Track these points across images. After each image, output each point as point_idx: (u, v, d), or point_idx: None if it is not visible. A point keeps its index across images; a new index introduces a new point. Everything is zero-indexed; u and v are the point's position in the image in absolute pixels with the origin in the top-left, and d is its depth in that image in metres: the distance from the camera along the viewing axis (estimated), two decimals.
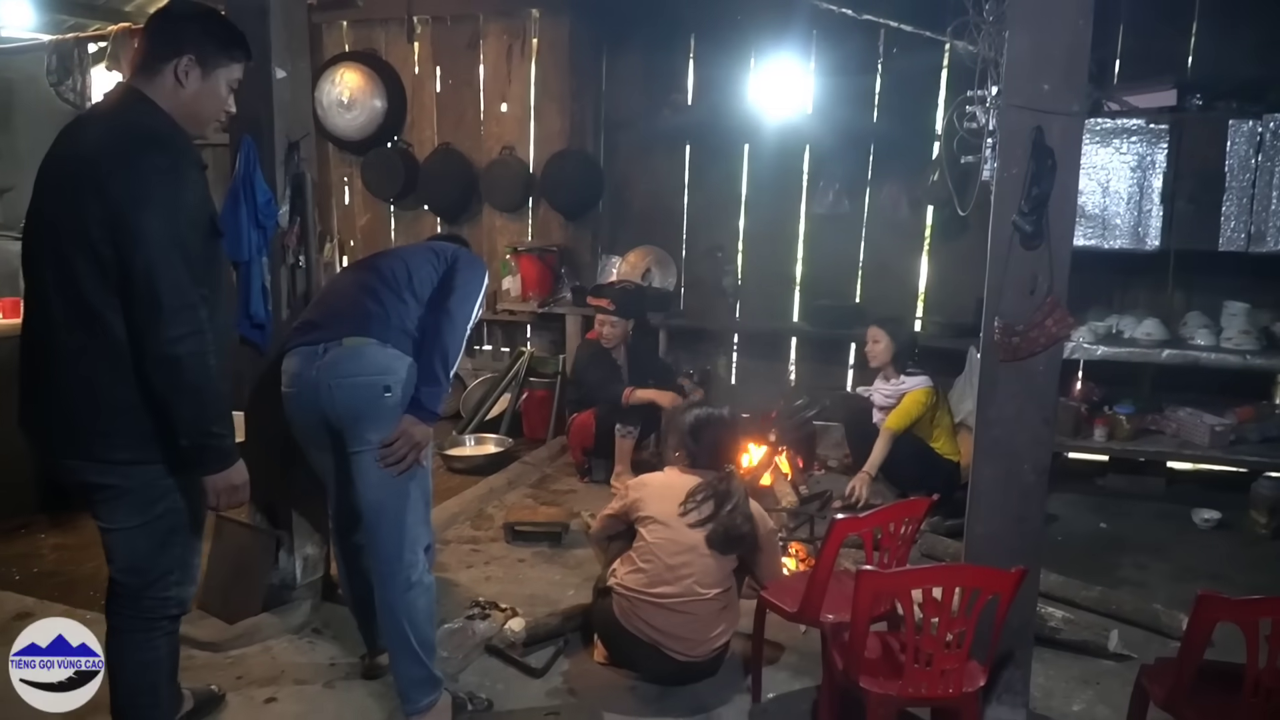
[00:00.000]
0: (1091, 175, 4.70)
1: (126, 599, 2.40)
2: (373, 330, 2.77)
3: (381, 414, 2.73)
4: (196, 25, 2.33)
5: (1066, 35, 2.66)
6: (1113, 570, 4.28)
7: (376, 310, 2.82)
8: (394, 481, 2.76)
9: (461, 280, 2.92)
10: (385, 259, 3.06)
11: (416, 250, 3.10)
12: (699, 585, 3.10)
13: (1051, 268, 2.77)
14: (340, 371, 2.73)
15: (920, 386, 4.68)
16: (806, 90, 5.94)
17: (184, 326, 2.13)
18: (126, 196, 2.09)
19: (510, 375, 6.28)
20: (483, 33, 6.57)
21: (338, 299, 2.97)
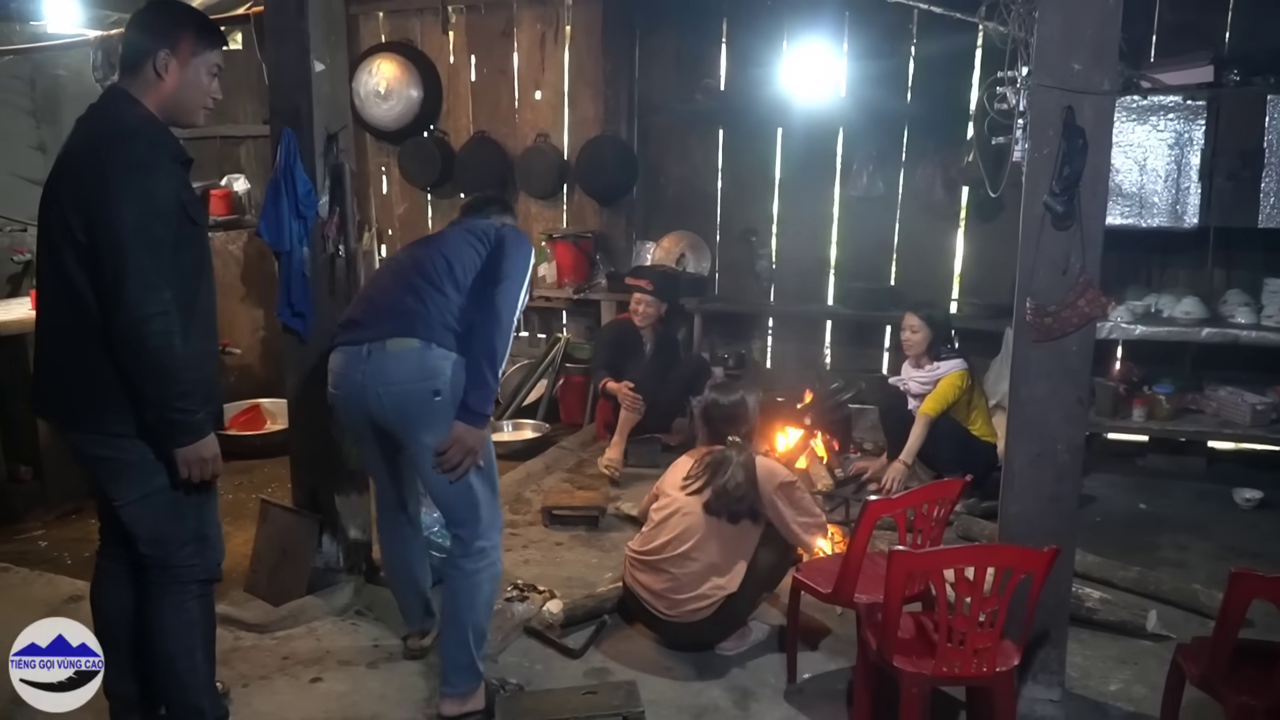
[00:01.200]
0: (1128, 153, 4.66)
1: (155, 569, 2.53)
2: (417, 330, 2.75)
3: (433, 417, 2.74)
4: (168, 19, 2.46)
5: (1097, 14, 2.65)
6: (1152, 550, 4.26)
7: (418, 308, 2.78)
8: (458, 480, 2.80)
9: (507, 268, 2.84)
10: (425, 249, 3.01)
11: (456, 236, 3.01)
12: (682, 546, 3.24)
13: (1084, 247, 2.76)
14: (387, 378, 2.75)
15: (955, 370, 4.66)
16: (839, 73, 5.91)
17: (147, 308, 2.25)
18: (96, 187, 2.25)
19: (546, 361, 6.34)
20: (517, 20, 6.60)
21: (379, 295, 2.95)
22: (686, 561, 3.24)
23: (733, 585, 3.23)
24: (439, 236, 3.14)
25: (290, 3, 3.44)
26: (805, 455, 5.18)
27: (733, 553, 3.27)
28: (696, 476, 3.33)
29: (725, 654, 3.36)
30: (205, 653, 2.66)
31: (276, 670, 3.26)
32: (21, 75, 6.63)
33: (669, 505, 3.35)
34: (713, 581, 3.23)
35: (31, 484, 4.75)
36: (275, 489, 4.71)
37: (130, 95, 2.40)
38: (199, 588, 2.59)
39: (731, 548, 3.26)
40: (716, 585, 3.23)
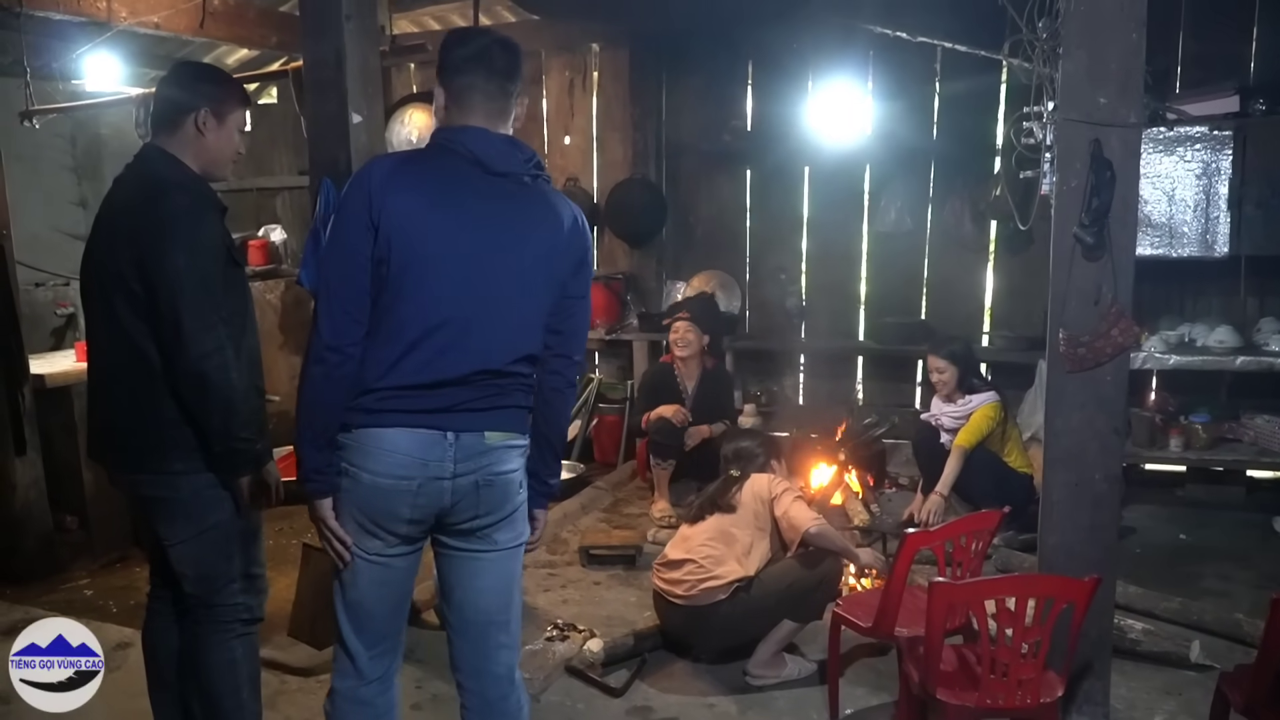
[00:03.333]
0: (1156, 184, 4.68)
1: (200, 609, 2.59)
2: (518, 425, 2.24)
3: (517, 511, 2.28)
4: (205, 79, 2.61)
5: (1121, 47, 2.70)
6: (1195, 581, 4.22)
7: (521, 398, 2.24)
8: (507, 585, 2.32)
9: (585, 306, 2.34)
10: (515, 288, 2.17)
11: (536, 253, 2.19)
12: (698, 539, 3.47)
13: (1115, 278, 2.78)
14: (490, 469, 2.17)
15: (988, 402, 4.66)
16: (865, 111, 5.99)
17: (206, 346, 2.36)
18: (150, 238, 2.36)
19: (580, 402, 6.40)
20: (545, 68, 6.75)
21: (468, 356, 2.13)
22: (704, 547, 3.41)
23: (749, 570, 3.36)
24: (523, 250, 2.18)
25: (329, 58, 3.56)
26: (840, 491, 5.19)
27: (748, 545, 3.43)
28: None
29: (756, 682, 3.39)
30: (251, 692, 2.70)
31: (320, 714, 3.27)
32: (63, 133, 6.83)
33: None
34: (728, 565, 3.36)
35: (77, 533, 4.84)
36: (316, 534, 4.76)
37: (167, 152, 2.52)
38: (242, 627, 2.64)
39: (745, 539, 3.44)
40: (731, 569, 3.35)
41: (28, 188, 5.65)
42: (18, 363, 4.44)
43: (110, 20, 5.09)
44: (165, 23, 5.32)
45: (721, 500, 3.52)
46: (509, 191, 2.16)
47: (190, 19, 5.25)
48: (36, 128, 5.61)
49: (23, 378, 4.44)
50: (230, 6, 5.75)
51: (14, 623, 3.99)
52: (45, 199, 6.01)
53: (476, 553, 2.25)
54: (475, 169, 2.13)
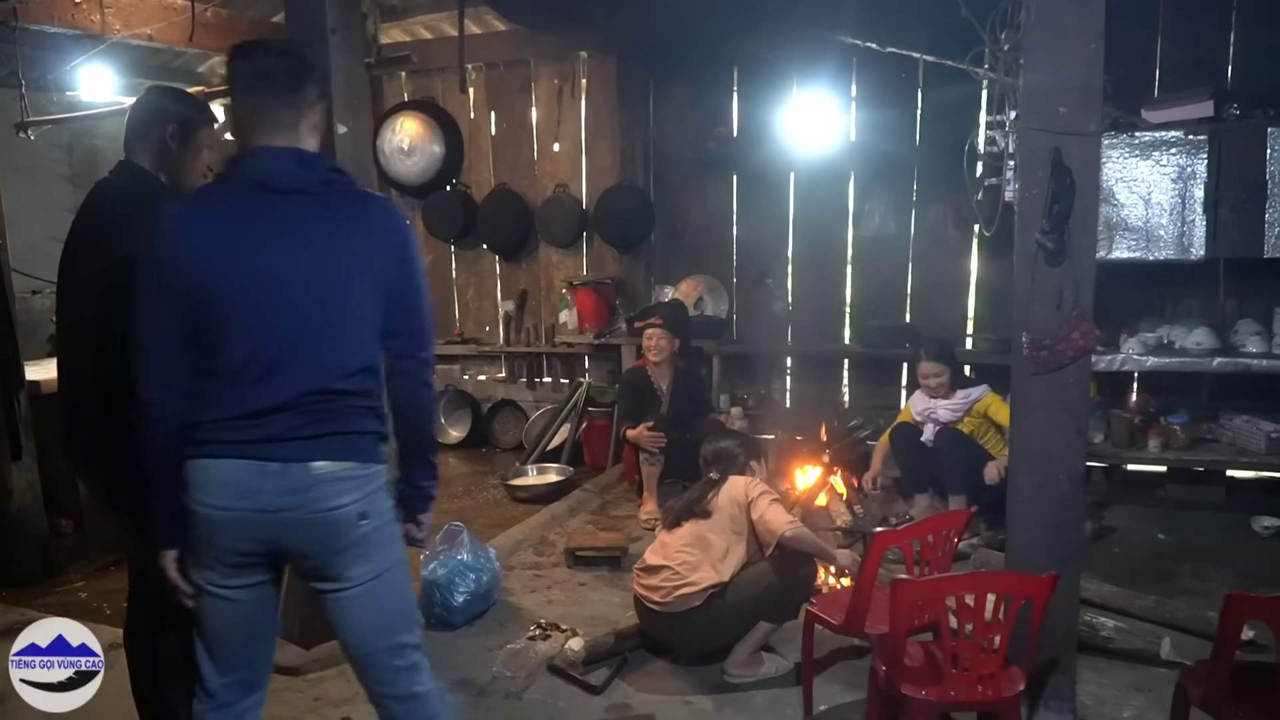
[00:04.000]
0: (1133, 188, 4.75)
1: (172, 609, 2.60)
2: (356, 453, 2.13)
3: (363, 546, 2.14)
4: (172, 99, 2.73)
5: (1080, 58, 2.77)
6: (1171, 580, 4.28)
7: (361, 421, 2.15)
8: (385, 614, 2.23)
9: (420, 302, 2.25)
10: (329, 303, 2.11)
11: (345, 261, 2.13)
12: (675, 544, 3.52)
13: (1076, 282, 2.85)
14: (317, 505, 2.08)
15: (989, 393, 4.82)
16: (849, 118, 6.08)
17: None
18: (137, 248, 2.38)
19: (569, 406, 6.47)
20: (534, 76, 6.83)
21: (288, 381, 2.08)
22: (679, 554, 3.46)
23: (724, 575, 3.41)
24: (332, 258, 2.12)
25: None
26: (825, 492, 5.25)
27: (724, 550, 3.46)
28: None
29: (733, 680, 3.46)
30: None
31: (308, 710, 3.36)
32: (59, 143, 6.92)
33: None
34: (703, 572, 3.41)
35: (73, 537, 4.94)
36: None
37: (141, 166, 2.62)
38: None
39: (721, 545, 3.47)
40: (706, 575, 3.40)
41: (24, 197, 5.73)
42: (14, 369, 4.52)
43: (104, 33, 5.17)
44: (158, 35, 5.40)
45: (697, 506, 3.55)
46: (302, 207, 2.11)
47: (182, 31, 5.33)
48: (32, 139, 5.70)
49: (19, 384, 4.53)
50: (222, 18, 5.83)
51: (10, 624, 4.07)
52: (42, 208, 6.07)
53: (335, 592, 2.16)
54: (263, 193, 2.10)
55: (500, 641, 3.76)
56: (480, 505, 5.75)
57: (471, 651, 3.75)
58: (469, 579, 3.96)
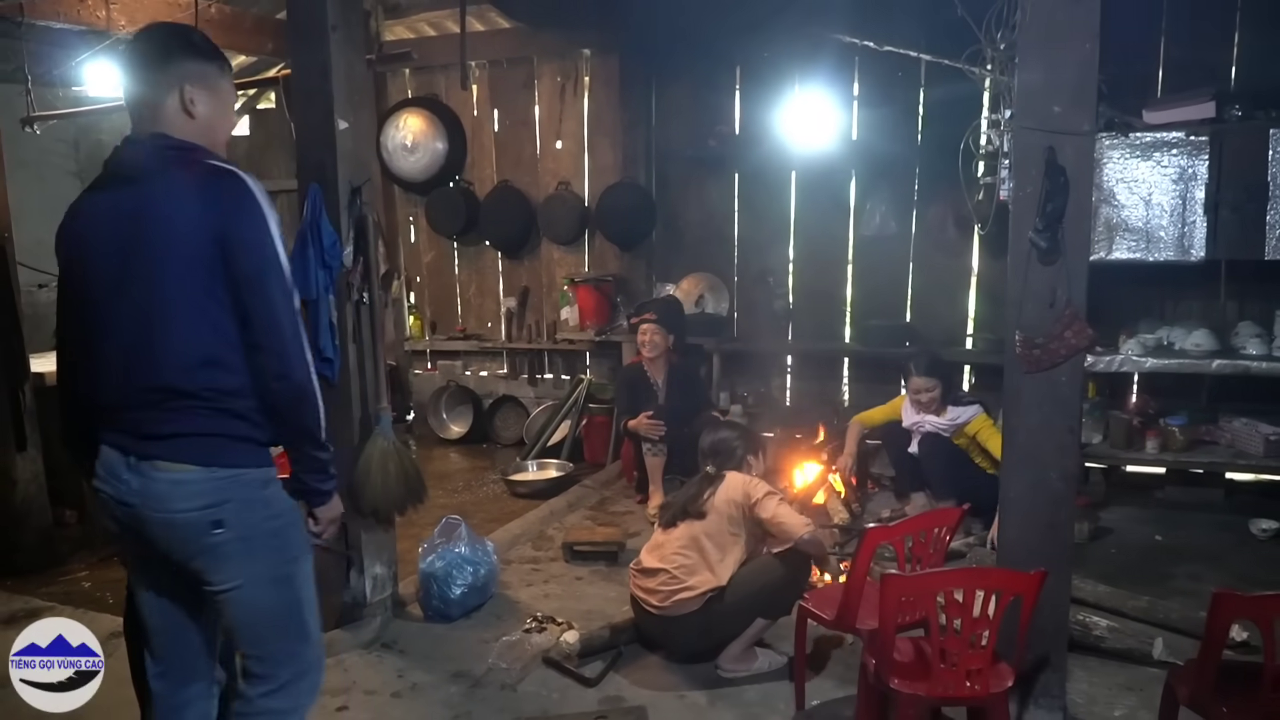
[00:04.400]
0: (1133, 189, 4.75)
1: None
2: (200, 455, 2.05)
3: (215, 555, 2.09)
4: None
5: (1075, 58, 2.78)
6: (1166, 581, 4.29)
7: (206, 423, 2.05)
8: (249, 622, 2.18)
9: (263, 289, 2.04)
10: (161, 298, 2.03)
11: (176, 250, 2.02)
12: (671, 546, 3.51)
13: (1069, 281, 2.87)
14: (161, 506, 2.06)
15: (978, 415, 4.77)
16: (851, 117, 6.09)
17: None
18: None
19: (570, 402, 6.50)
20: (537, 73, 6.85)
21: (136, 378, 2.06)
22: (677, 555, 3.45)
23: (721, 578, 3.41)
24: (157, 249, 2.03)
25: (314, 68, 3.65)
26: (824, 490, 5.28)
27: (720, 552, 3.45)
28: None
29: (727, 675, 3.47)
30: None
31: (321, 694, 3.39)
32: (65, 138, 6.96)
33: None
34: (701, 575, 3.41)
35: (76, 527, 4.99)
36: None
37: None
38: None
39: (717, 546, 3.45)
40: (704, 579, 3.40)
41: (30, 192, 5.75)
42: (19, 362, 4.58)
43: (109, 28, 5.19)
44: None
45: (692, 506, 3.52)
46: (142, 197, 2.03)
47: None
48: (38, 134, 5.73)
49: (24, 376, 4.58)
50: (226, 15, 5.84)
51: (14, 612, 4.13)
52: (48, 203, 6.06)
53: (206, 589, 2.13)
54: (115, 186, 2.08)
55: (497, 634, 3.78)
56: (480, 500, 5.78)
57: (468, 644, 3.77)
58: (466, 572, 3.98)
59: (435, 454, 6.85)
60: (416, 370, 7.51)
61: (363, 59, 3.99)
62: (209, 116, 2.14)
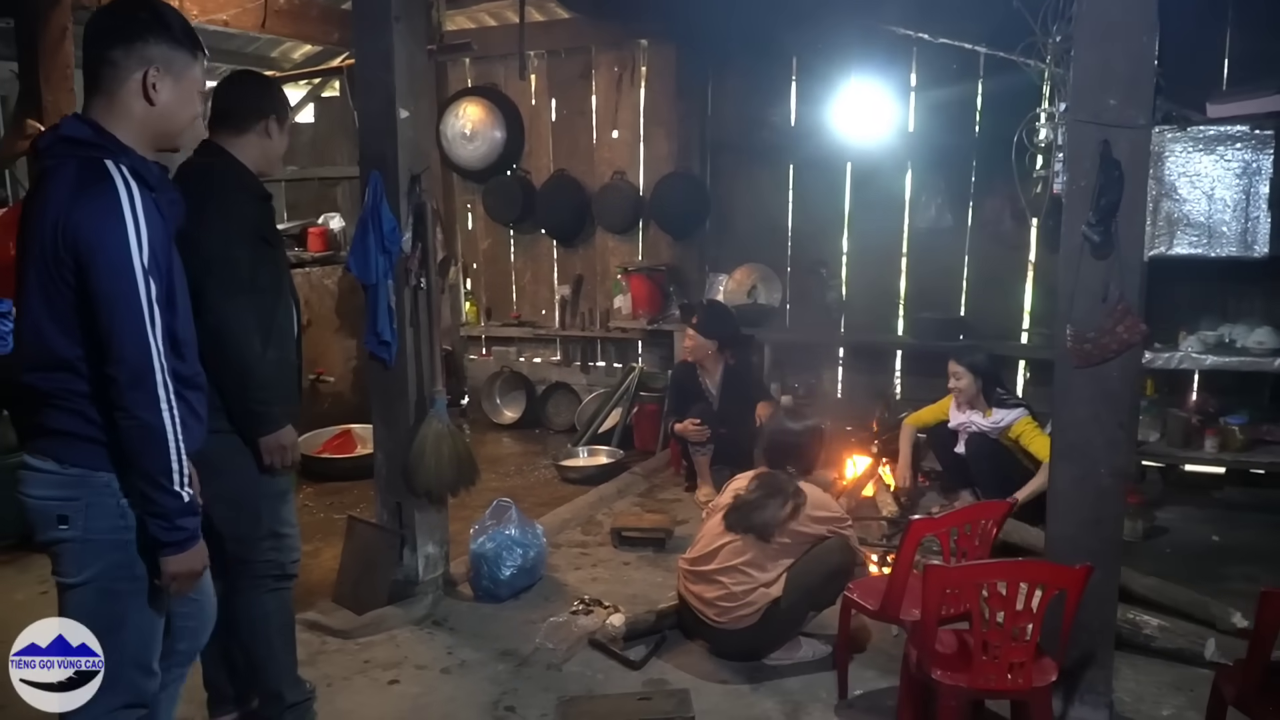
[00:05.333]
0: (1195, 183, 4.66)
1: (236, 564, 2.80)
2: (52, 451, 2.06)
3: (59, 548, 2.09)
4: (277, 90, 2.96)
5: (1131, 50, 2.75)
6: (1221, 582, 4.22)
7: (59, 419, 2.04)
8: (94, 619, 2.14)
9: (104, 309, 1.94)
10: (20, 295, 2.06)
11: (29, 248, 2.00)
12: (731, 559, 3.43)
13: (1122, 276, 2.84)
14: (22, 490, 2.10)
15: (1022, 416, 4.71)
16: (908, 107, 6.05)
17: (226, 311, 2.61)
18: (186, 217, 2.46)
19: (621, 390, 6.55)
20: (594, 64, 6.89)
21: (14, 373, 2.08)
22: (735, 572, 3.42)
23: (776, 590, 3.40)
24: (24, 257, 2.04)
25: (377, 57, 3.74)
26: (873, 483, 5.27)
27: (777, 560, 3.44)
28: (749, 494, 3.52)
29: (771, 663, 3.51)
30: (283, 643, 2.93)
31: (357, 672, 3.50)
32: None
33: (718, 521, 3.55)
34: (759, 590, 3.40)
35: None
36: (364, 509, 4.98)
37: (219, 146, 2.78)
38: (274, 582, 2.87)
39: (775, 555, 3.44)
40: (762, 593, 3.40)
41: None
42: None
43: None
44: (233, 20, 5.57)
45: (767, 532, 3.43)
46: (39, 188, 2.01)
47: (255, 17, 5.51)
48: None
49: None
50: (294, 5, 5.99)
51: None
52: None
53: (54, 577, 2.15)
54: (38, 169, 2.05)
55: (544, 615, 3.86)
56: (531, 484, 5.87)
57: (516, 624, 3.86)
58: (516, 554, 4.06)
59: (488, 438, 6.96)
60: (471, 356, 7.63)
61: (424, 49, 4.08)
62: (169, 104, 2.06)
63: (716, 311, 5.74)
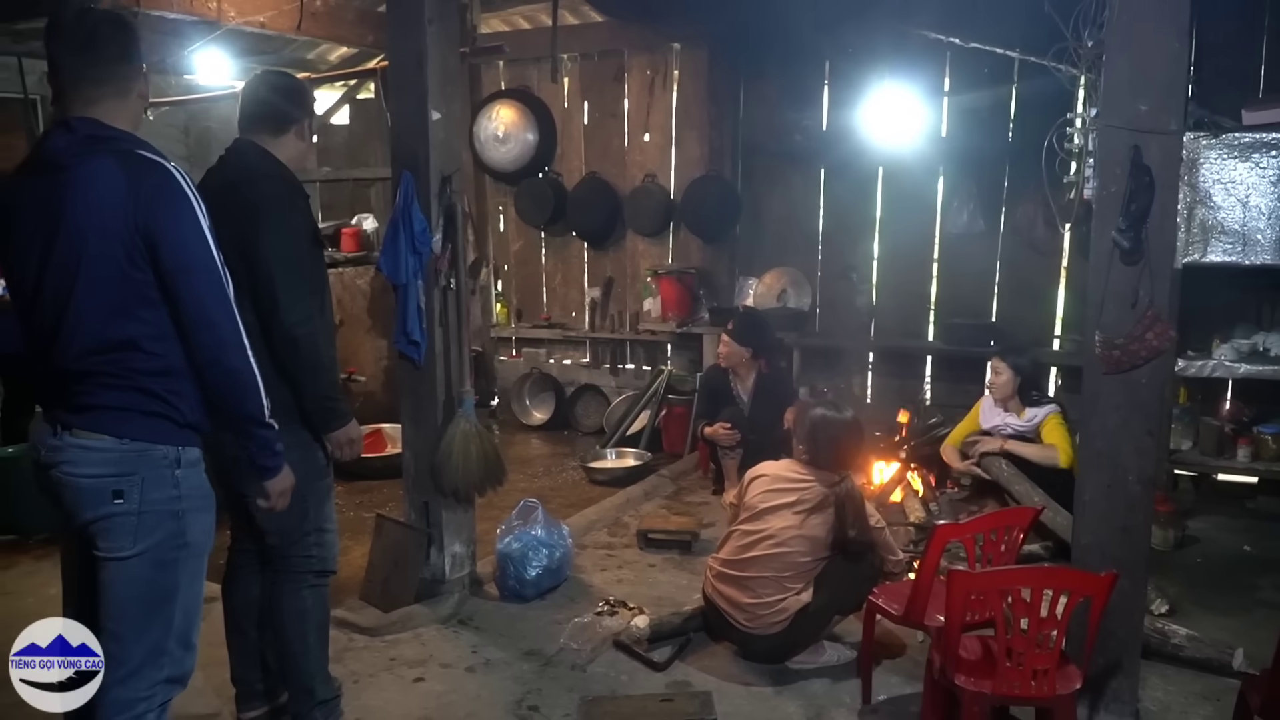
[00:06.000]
0: (1230, 190, 4.61)
1: (278, 559, 2.87)
2: (111, 427, 2.13)
3: (111, 522, 2.14)
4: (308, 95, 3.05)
5: (1163, 56, 2.74)
6: (1252, 592, 4.19)
7: (109, 396, 2.13)
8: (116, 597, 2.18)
9: (192, 280, 2.13)
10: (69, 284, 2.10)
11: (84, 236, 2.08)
12: (770, 567, 3.41)
13: (1152, 282, 2.83)
14: (68, 468, 2.15)
15: (1053, 413, 4.68)
16: (940, 112, 6.03)
17: (298, 313, 2.68)
18: (249, 219, 2.65)
19: (650, 393, 6.57)
20: (627, 67, 6.92)
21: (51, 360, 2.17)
22: (771, 579, 3.42)
23: (806, 597, 3.40)
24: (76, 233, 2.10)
25: (410, 59, 3.78)
26: (901, 488, 5.26)
27: (810, 569, 3.44)
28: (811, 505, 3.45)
29: (795, 666, 3.50)
30: (317, 639, 2.96)
31: (384, 670, 3.54)
32: (176, 123, 7.31)
33: (757, 520, 3.50)
34: (789, 596, 3.40)
35: None
36: (393, 508, 5.03)
37: (261, 146, 2.83)
38: (314, 578, 2.91)
39: (811, 564, 3.44)
40: (793, 601, 3.39)
41: None
42: None
43: (220, 19, 5.45)
44: (270, 22, 5.66)
45: (852, 546, 3.45)
46: (59, 182, 2.08)
47: (292, 19, 5.58)
48: (151, 119, 6.02)
49: None
50: (330, 7, 6.07)
51: None
52: None
53: (95, 554, 2.18)
54: (45, 167, 2.11)
55: (569, 615, 3.88)
56: (559, 485, 5.90)
57: (541, 623, 3.88)
58: (542, 554, 4.09)
59: (517, 439, 7.00)
60: (501, 357, 7.68)
61: (457, 52, 4.11)
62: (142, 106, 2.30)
63: (753, 319, 5.72)
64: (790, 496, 3.46)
